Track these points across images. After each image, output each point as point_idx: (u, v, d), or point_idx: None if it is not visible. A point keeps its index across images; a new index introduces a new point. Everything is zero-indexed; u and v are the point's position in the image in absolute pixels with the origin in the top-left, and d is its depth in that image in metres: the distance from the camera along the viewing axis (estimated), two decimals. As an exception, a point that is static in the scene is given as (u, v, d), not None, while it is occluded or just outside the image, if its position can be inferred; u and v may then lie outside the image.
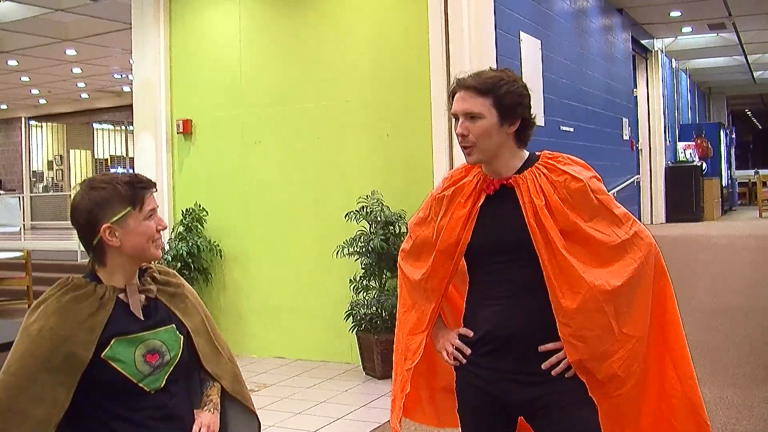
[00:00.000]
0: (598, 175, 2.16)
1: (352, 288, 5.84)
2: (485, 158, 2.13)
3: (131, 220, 1.99)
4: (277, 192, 6.60)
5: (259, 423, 2.25)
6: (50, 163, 22.07)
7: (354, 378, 5.79)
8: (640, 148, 12.77)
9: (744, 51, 14.79)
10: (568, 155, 2.18)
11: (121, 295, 2.02)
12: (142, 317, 2.03)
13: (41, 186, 21.75)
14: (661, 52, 14.08)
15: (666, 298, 2.20)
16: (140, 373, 1.97)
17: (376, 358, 5.65)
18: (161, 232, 2.06)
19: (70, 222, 2.06)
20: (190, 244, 6.59)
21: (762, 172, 18.59)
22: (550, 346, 2.07)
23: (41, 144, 22.02)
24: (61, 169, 21.90)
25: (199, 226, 6.77)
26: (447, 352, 2.23)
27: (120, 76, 15.91)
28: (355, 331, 5.84)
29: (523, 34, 6.84)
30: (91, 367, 1.92)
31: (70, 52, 13.00)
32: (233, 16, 6.78)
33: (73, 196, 2.06)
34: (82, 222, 1.99)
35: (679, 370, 2.19)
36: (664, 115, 14.04)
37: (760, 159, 26.74)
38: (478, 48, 5.75)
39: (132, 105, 7.32)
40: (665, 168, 13.88)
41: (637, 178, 12.08)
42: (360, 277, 5.82)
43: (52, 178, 21.97)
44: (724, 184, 17.28)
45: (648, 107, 13.62)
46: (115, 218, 1.97)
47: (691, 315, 6.34)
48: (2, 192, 20.03)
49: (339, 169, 6.30)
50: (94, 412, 1.96)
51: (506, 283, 2.13)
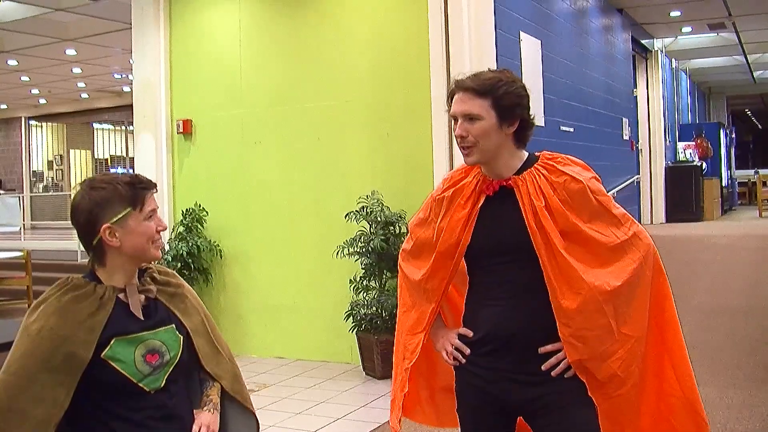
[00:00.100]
0: (597, 176, 2.17)
1: (352, 288, 5.85)
2: (484, 159, 2.13)
3: (131, 220, 1.99)
4: (278, 192, 6.60)
5: (258, 423, 2.25)
6: (50, 163, 22.06)
7: (354, 378, 5.79)
8: (640, 148, 12.77)
9: (744, 51, 14.80)
10: (568, 156, 2.18)
11: (121, 295, 2.03)
12: (141, 317, 2.03)
13: (41, 186, 21.74)
14: (661, 52, 14.08)
15: (664, 298, 2.21)
16: (140, 373, 1.98)
17: (376, 359, 5.65)
18: (161, 232, 2.06)
19: (70, 222, 2.06)
20: (190, 244, 6.59)
21: (762, 171, 18.58)
22: (549, 347, 2.08)
23: (41, 144, 22.01)
24: (61, 169, 21.90)
25: (199, 226, 6.77)
26: (446, 352, 2.23)
27: (120, 76, 15.91)
28: (355, 331, 5.84)
29: (523, 34, 6.84)
30: (90, 367, 1.92)
31: (70, 51, 13.00)
32: (233, 16, 6.79)
33: (73, 196, 2.06)
34: (82, 222, 2.00)
35: (677, 369, 2.20)
36: (664, 115, 14.04)
37: (760, 159, 26.73)
38: (478, 48, 5.75)
39: (132, 105, 7.32)
40: (665, 168, 13.88)
41: (637, 178, 12.08)
42: (360, 277, 5.82)
43: (52, 178, 21.97)
44: (724, 184, 17.27)
45: (648, 107, 13.62)
46: (115, 218, 1.98)
47: (691, 315, 6.34)
48: (2, 192, 20.02)
49: (339, 169, 6.30)
50: (94, 412, 1.97)
51: (506, 283, 2.13)
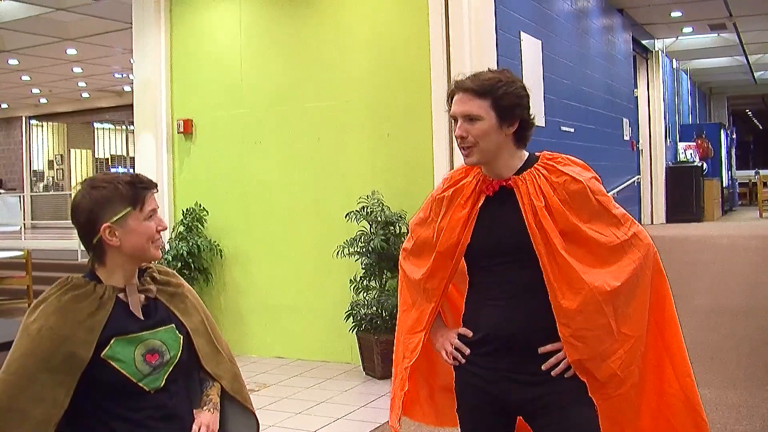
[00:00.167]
0: (597, 176, 2.17)
1: (352, 288, 5.85)
2: (484, 159, 2.13)
3: (131, 219, 1.99)
4: (278, 192, 6.60)
5: (258, 423, 2.25)
6: (51, 163, 22.07)
7: (354, 378, 5.79)
8: (640, 148, 12.76)
9: (745, 51, 14.79)
10: (568, 156, 2.18)
11: (121, 295, 2.03)
12: (141, 317, 2.03)
13: (42, 185, 21.75)
14: (662, 52, 14.07)
15: (664, 298, 2.21)
16: (140, 373, 1.97)
17: (376, 359, 5.65)
18: (161, 232, 2.06)
19: (70, 221, 2.06)
20: (191, 243, 6.59)
21: (762, 172, 18.53)
22: (549, 347, 2.08)
23: (42, 143, 22.02)
24: (62, 169, 21.91)
25: (200, 225, 6.77)
26: (446, 352, 2.23)
27: (121, 76, 15.92)
28: (355, 331, 5.84)
29: (523, 35, 6.84)
30: (90, 366, 1.92)
31: (71, 51, 13.00)
32: (234, 16, 6.79)
33: (73, 196, 2.06)
34: (82, 221, 2.00)
35: (677, 368, 2.20)
36: (665, 115, 14.03)
37: (761, 159, 26.71)
38: (478, 48, 5.75)
39: (132, 105, 7.32)
40: (666, 168, 13.87)
41: (638, 179, 12.07)
42: (360, 277, 5.82)
43: (53, 177, 21.98)
44: (724, 185, 17.25)
45: (648, 108, 13.61)
46: (116, 218, 1.97)
47: (691, 315, 6.34)
48: (3, 191, 20.02)
49: (339, 169, 6.30)
50: (94, 411, 1.97)
51: (506, 284, 2.14)
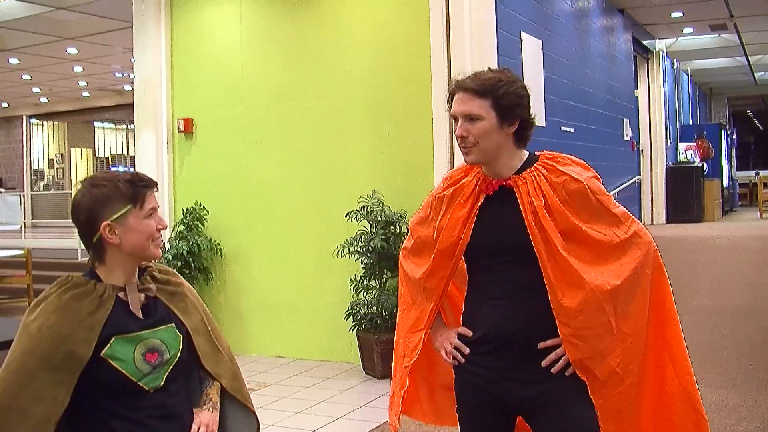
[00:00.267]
0: (598, 175, 2.17)
1: (352, 287, 5.84)
2: (485, 159, 2.13)
3: (131, 218, 1.99)
4: (278, 191, 6.60)
5: (258, 422, 2.25)
6: (51, 162, 22.07)
7: (354, 377, 5.79)
8: (641, 148, 12.76)
9: (745, 52, 14.79)
10: (568, 155, 2.18)
11: (121, 294, 2.02)
12: (141, 316, 2.03)
13: (42, 184, 21.75)
14: (663, 52, 14.07)
15: (664, 296, 2.21)
16: (139, 372, 1.97)
17: (376, 358, 5.65)
18: (161, 231, 2.06)
19: (70, 220, 2.06)
20: (191, 242, 6.59)
21: (763, 173, 18.54)
22: (549, 342, 2.08)
23: (42, 142, 22.02)
24: (62, 168, 21.92)
25: (200, 224, 6.77)
26: (446, 351, 2.23)
27: (121, 75, 15.92)
28: (355, 330, 5.84)
29: (524, 35, 6.84)
30: (90, 365, 1.92)
31: (72, 50, 13.01)
32: (234, 16, 6.79)
33: (74, 194, 2.06)
34: (82, 219, 2.00)
35: (677, 366, 2.20)
36: (665, 115, 14.03)
37: (761, 160, 26.71)
38: (479, 48, 5.75)
39: (133, 104, 7.32)
40: (666, 169, 13.87)
41: (638, 179, 12.07)
42: (360, 276, 5.82)
43: (53, 176, 21.99)
44: (724, 185, 17.25)
45: (649, 108, 13.62)
46: (116, 216, 1.97)
47: (691, 315, 6.34)
48: (3, 190, 20.02)
49: (339, 168, 6.30)
50: (94, 410, 1.96)
51: (506, 283, 2.14)
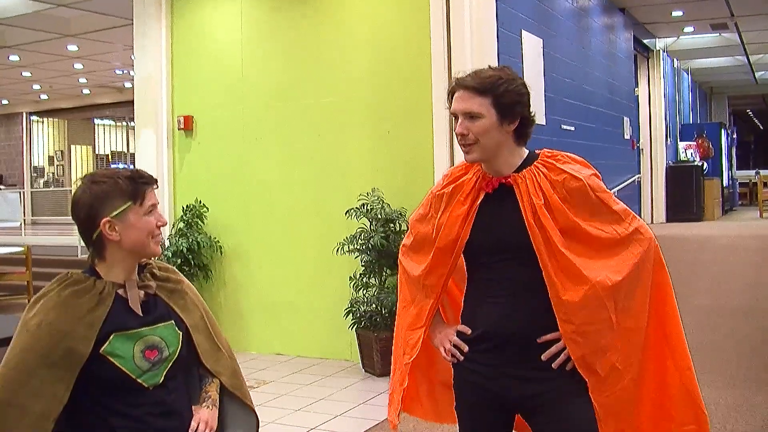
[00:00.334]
0: (597, 173, 2.17)
1: (351, 285, 5.84)
2: (485, 157, 2.13)
3: (131, 214, 1.99)
4: (278, 189, 6.60)
5: (258, 419, 2.25)
6: (51, 159, 22.08)
7: (353, 375, 5.79)
8: (641, 147, 12.75)
9: (746, 51, 14.77)
10: (567, 153, 2.18)
11: (120, 291, 2.02)
12: (141, 313, 2.03)
13: (42, 181, 21.76)
14: (663, 51, 14.06)
15: (665, 292, 2.21)
16: (139, 369, 1.97)
17: (376, 356, 5.65)
18: (161, 228, 2.06)
19: (70, 217, 2.06)
20: (191, 240, 6.59)
21: (763, 172, 18.50)
22: (548, 336, 2.08)
23: (42, 139, 22.02)
24: (62, 165, 21.92)
25: (200, 222, 6.77)
26: (444, 349, 2.23)
27: (121, 72, 15.90)
28: (354, 328, 5.84)
29: (524, 33, 6.83)
30: (89, 362, 1.92)
31: (72, 47, 12.99)
32: (235, 13, 6.78)
33: (74, 191, 2.06)
34: (82, 216, 2.00)
35: (677, 361, 2.20)
36: (666, 114, 14.02)
37: (761, 159, 26.69)
38: (479, 46, 5.75)
39: (133, 101, 7.32)
40: (666, 167, 13.86)
41: (638, 178, 12.06)
42: (360, 274, 5.82)
43: (53, 173, 21.99)
44: (724, 184, 17.23)
45: (649, 107, 13.60)
46: (116, 212, 1.97)
47: (691, 315, 6.33)
48: (3, 187, 20.01)
49: (339, 166, 6.30)
50: (93, 407, 1.97)
51: (506, 281, 2.13)
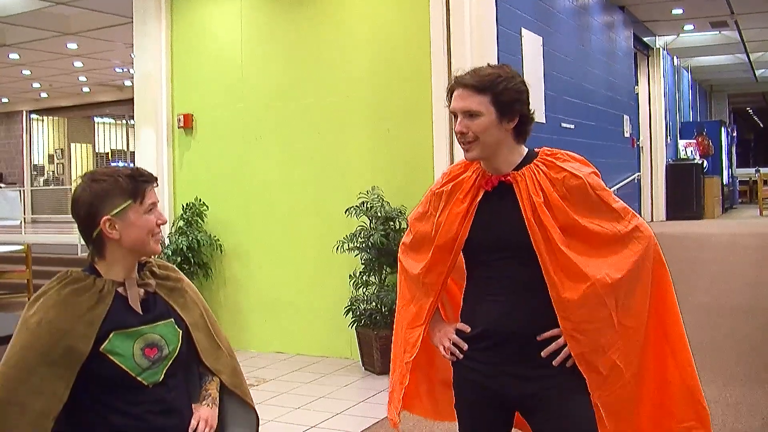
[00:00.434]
0: (597, 171, 2.17)
1: (351, 283, 5.85)
2: (484, 155, 2.13)
3: (131, 212, 1.99)
4: (278, 188, 6.60)
5: (258, 417, 2.25)
6: (51, 157, 22.08)
7: (353, 373, 5.79)
8: (641, 145, 12.74)
9: (746, 49, 14.76)
10: (567, 151, 2.18)
11: (120, 289, 2.02)
12: (140, 311, 2.03)
13: (42, 180, 21.76)
14: (663, 49, 14.05)
15: (665, 289, 2.21)
16: (139, 367, 1.98)
17: (376, 354, 5.65)
18: (161, 226, 2.06)
19: (70, 216, 2.06)
20: (190, 238, 6.59)
21: (763, 170, 18.50)
22: (548, 334, 2.08)
23: (42, 138, 22.02)
24: (62, 163, 21.92)
25: (200, 220, 6.77)
26: (444, 347, 2.23)
27: (121, 70, 15.91)
28: (354, 326, 5.85)
29: (524, 31, 6.83)
30: (89, 360, 1.92)
31: (72, 45, 12.99)
32: (235, 12, 6.78)
33: (74, 189, 2.06)
34: (82, 214, 2.00)
35: (677, 358, 2.20)
36: (666, 112, 14.02)
37: (761, 157, 26.70)
38: (479, 44, 5.75)
39: (133, 99, 7.32)
40: (666, 165, 13.85)
41: (638, 176, 12.06)
42: (360, 272, 5.82)
43: (53, 171, 21.99)
44: (724, 182, 17.23)
45: (649, 105, 13.59)
46: (116, 211, 1.97)
47: (691, 314, 6.31)
48: (3, 185, 20.02)
49: (339, 165, 6.30)
50: (93, 405, 1.97)
51: (505, 279, 2.13)
